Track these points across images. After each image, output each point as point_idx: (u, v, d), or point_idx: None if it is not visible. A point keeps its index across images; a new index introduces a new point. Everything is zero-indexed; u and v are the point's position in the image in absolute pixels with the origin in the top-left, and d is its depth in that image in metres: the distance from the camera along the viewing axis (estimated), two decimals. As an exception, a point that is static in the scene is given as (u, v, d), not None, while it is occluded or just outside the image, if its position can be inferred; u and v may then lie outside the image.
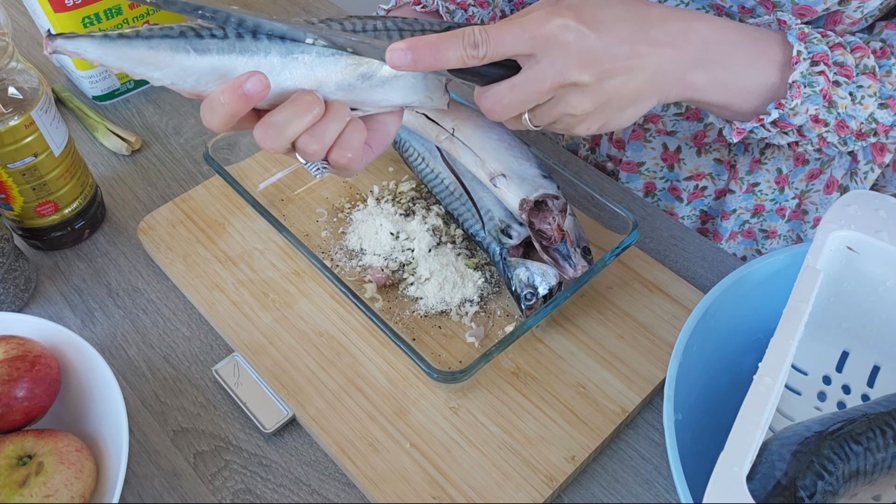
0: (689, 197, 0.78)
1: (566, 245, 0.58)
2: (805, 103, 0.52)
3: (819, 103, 0.52)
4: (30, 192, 0.63)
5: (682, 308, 0.62)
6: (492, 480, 0.52)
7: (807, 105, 0.52)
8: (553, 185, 0.60)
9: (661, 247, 0.69)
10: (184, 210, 0.70)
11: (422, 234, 0.65)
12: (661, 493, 0.54)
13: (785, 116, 0.53)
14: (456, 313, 0.62)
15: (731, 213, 0.76)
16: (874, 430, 0.44)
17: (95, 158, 0.78)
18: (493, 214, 0.62)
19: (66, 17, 0.75)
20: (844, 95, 0.52)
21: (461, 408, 0.56)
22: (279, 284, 0.64)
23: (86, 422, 0.54)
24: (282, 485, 0.54)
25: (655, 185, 0.79)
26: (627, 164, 0.78)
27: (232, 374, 0.58)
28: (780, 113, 0.52)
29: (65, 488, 0.48)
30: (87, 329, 0.63)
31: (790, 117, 0.53)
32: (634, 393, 0.57)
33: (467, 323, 0.61)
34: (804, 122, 0.53)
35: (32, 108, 0.60)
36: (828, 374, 0.54)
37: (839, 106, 0.52)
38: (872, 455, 0.44)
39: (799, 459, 0.42)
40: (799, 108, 0.52)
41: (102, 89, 0.83)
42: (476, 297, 0.62)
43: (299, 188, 0.71)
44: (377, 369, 0.58)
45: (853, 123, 0.53)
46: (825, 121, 0.53)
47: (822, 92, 0.51)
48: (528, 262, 0.59)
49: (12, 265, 0.62)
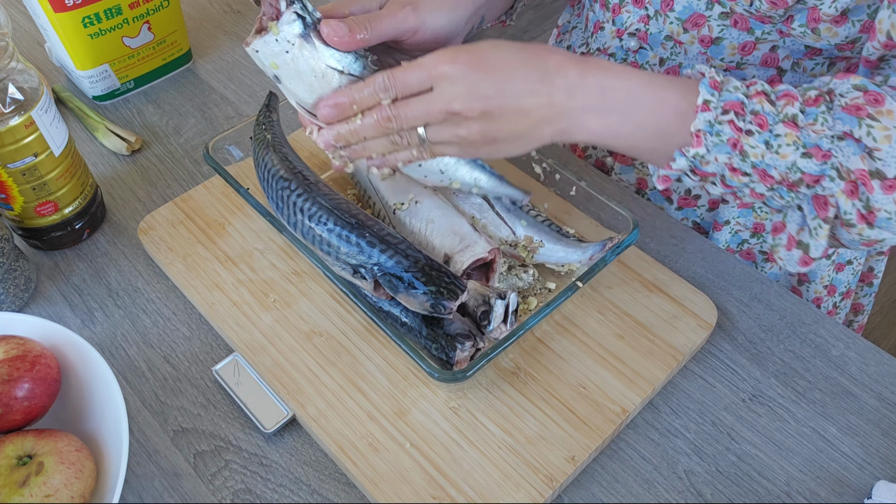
0: (679, 201, 0.77)
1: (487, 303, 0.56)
2: (713, 152, 0.51)
3: (729, 152, 0.51)
4: (30, 192, 0.63)
5: (682, 308, 0.62)
6: (492, 480, 0.52)
7: (715, 154, 0.51)
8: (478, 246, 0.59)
9: (661, 247, 0.69)
10: (184, 210, 0.70)
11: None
12: (662, 493, 0.54)
13: (697, 164, 0.52)
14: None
15: (724, 225, 0.75)
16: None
17: (95, 158, 0.78)
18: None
19: (67, 17, 0.75)
20: (756, 144, 0.50)
21: (461, 408, 0.56)
22: (279, 284, 0.64)
23: (86, 422, 0.54)
24: (282, 485, 0.54)
25: (647, 183, 0.79)
26: (622, 156, 0.78)
27: (232, 374, 0.58)
28: (689, 161, 0.52)
29: (65, 488, 0.48)
30: (87, 329, 0.63)
31: (703, 165, 0.52)
32: (634, 393, 0.57)
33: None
34: (722, 171, 0.52)
35: (32, 108, 0.60)
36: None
37: (751, 155, 0.50)
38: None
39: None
40: (708, 157, 0.51)
41: (102, 89, 0.83)
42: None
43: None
44: (377, 369, 0.58)
45: (775, 173, 0.51)
46: (742, 170, 0.51)
47: (730, 141, 0.50)
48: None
49: (12, 265, 0.62)
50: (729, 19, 0.63)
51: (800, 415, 0.58)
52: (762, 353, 0.62)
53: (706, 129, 0.51)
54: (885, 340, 1.69)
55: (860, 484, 0.55)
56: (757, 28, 0.62)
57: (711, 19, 0.64)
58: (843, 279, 0.79)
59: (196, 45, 0.93)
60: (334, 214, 0.58)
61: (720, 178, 0.53)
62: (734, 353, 0.62)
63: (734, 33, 0.63)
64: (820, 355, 0.62)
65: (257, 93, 0.86)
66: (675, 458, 0.56)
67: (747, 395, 0.59)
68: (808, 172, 0.50)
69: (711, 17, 0.63)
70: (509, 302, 0.55)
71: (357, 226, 0.57)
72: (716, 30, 0.64)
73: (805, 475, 0.55)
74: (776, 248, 0.57)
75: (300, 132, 0.77)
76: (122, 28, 0.80)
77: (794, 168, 0.50)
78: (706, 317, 0.62)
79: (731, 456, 0.56)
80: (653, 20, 0.68)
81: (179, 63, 0.88)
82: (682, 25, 0.66)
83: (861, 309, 0.87)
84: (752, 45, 0.64)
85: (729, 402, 0.59)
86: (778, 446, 0.56)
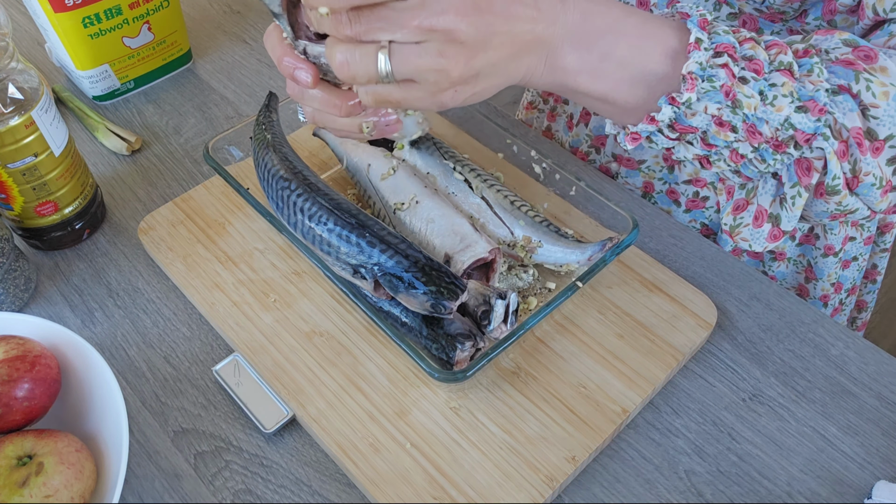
0: (687, 203, 0.77)
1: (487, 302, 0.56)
2: (703, 100, 0.44)
3: (721, 101, 0.44)
4: (30, 192, 0.63)
5: (682, 308, 0.62)
6: (492, 480, 0.52)
7: (705, 102, 0.44)
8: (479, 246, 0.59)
9: (661, 247, 0.69)
10: (184, 210, 0.70)
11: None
12: (662, 493, 0.54)
13: (681, 117, 0.45)
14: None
15: None
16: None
17: (95, 158, 0.78)
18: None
19: (66, 17, 0.75)
20: (752, 94, 0.44)
21: (462, 408, 0.56)
22: (279, 284, 0.64)
23: (86, 422, 0.54)
24: (282, 485, 0.54)
25: (654, 186, 0.79)
26: (628, 160, 0.78)
27: (232, 374, 0.58)
28: (675, 111, 0.45)
29: (65, 489, 0.48)
30: (87, 329, 0.63)
31: (687, 118, 0.45)
32: (635, 393, 0.57)
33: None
34: (707, 126, 0.45)
35: (32, 108, 0.60)
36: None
37: (745, 106, 0.44)
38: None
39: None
40: (696, 106, 0.44)
41: (102, 89, 0.83)
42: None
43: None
44: (377, 369, 0.58)
45: (766, 129, 0.45)
46: (731, 124, 0.45)
47: (723, 88, 0.44)
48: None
49: (12, 265, 0.62)
50: (738, 20, 0.62)
51: (800, 414, 0.58)
52: (762, 353, 0.62)
53: (698, 73, 0.44)
54: (884, 340, 1.69)
55: (860, 484, 0.55)
56: (766, 28, 0.61)
57: (719, 20, 0.63)
58: (849, 276, 0.79)
59: (196, 45, 0.93)
60: (334, 214, 0.57)
61: (700, 136, 0.46)
62: (734, 353, 0.62)
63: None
64: (820, 355, 0.62)
65: (257, 93, 0.86)
66: (676, 457, 0.56)
67: (747, 394, 0.59)
68: (801, 129, 0.45)
69: (719, 18, 0.63)
70: (510, 302, 0.55)
71: (357, 226, 0.57)
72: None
73: (805, 475, 0.55)
74: (737, 228, 0.52)
75: (300, 132, 0.77)
76: (122, 28, 0.80)
77: (787, 124, 0.45)
78: (706, 316, 0.62)
79: (731, 456, 0.56)
80: None
81: (179, 63, 0.88)
82: None
83: (865, 306, 0.87)
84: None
85: (729, 401, 0.59)
86: (778, 446, 0.56)
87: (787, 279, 0.79)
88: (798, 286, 0.79)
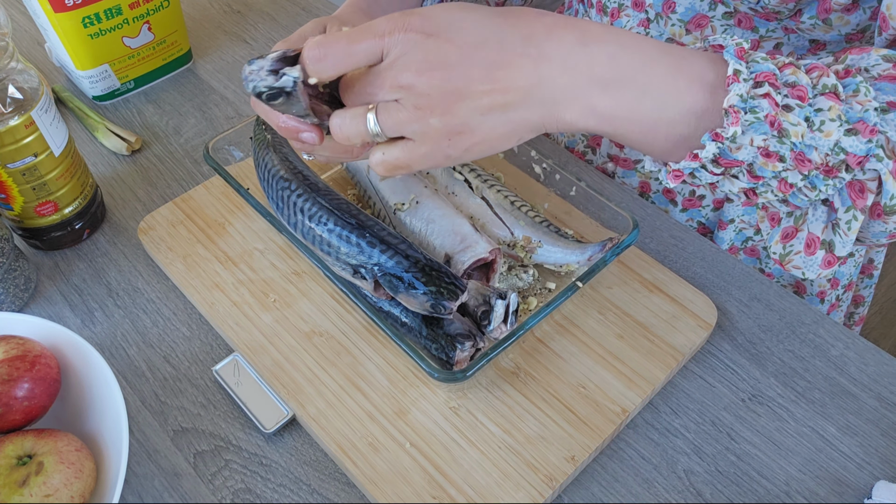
0: (684, 202, 0.78)
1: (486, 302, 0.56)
2: (748, 133, 0.43)
3: (766, 132, 0.42)
4: (30, 192, 0.63)
5: (682, 308, 0.62)
6: (492, 480, 0.52)
7: (750, 135, 0.43)
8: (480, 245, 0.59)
9: (661, 247, 0.69)
10: (184, 210, 0.70)
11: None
12: (661, 493, 0.54)
13: (726, 151, 0.44)
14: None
15: (729, 223, 0.75)
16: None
17: (95, 158, 0.78)
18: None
19: (66, 17, 0.75)
20: (798, 121, 0.42)
21: (461, 408, 0.56)
22: (279, 284, 0.64)
23: (86, 422, 0.54)
24: (282, 484, 0.54)
25: (650, 186, 0.79)
26: (624, 160, 0.78)
27: (232, 373, 0.58)
28: (719, 147, 0.43)
29: (65, 488, 0.48)
30: (87, 329, 0.63)
31: (732, 152, 0.43)
32: (634, 393, 0.57)
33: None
34: (753, 159, 0.44)
35: (32, 108, 0.60)
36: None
37: (792, 134, 0.42)
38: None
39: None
40: (741, 140, 0.43)
41: (102, 89, 0.83)
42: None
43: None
44: (377, 369, 0.58)
45: (816, 156, 0.43)
46: (779, 154, 0.43)
47: (767, 118, 0.42)
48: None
49: (12, 265, 0.62)
50: (733, 19, 0.62)
51: (799, 415, 0.58)
52: (762, 353, 0.62)
53: (740, 106, 0.42)
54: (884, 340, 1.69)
55: (860, 484, 0.55)
56: (762, 26, 0.61)
57: (715, 20, 0.63)
58: (846, 271, 0.79)
59: (196, 45, 0.93)
60: (334, 215, 0.58)
61: (747, 169, 0.45)
62: (734, 353, 0.62)
63: (738, 33, 0.63)
64: (819, 355, 0.62)
65: (257, 93, 0.86)
66: (675, 457, 0.56)
67: (747, 394, 0.59)
68: (852, 152, 0.43)
69: (715, 18, 0.63)
70: (510, 302, 0.55)
71: (357, 226, 0.57)
72: (719, 30, 0.64)
73: (804, 475, 0.55)
74: (788, 256, 0.50)
75: (300, 132, 0.77)
76: (122, 28, 0.80)
77: (837, 148, 0.43)
78: (706, 317, 0.62)
79: (730, 456, 0.56)
80: (653, 23, 0.68)
81: (179, 63, 0.88)
82: (684, 27, 0.66)
83: (862, 301, 0.88)
84: (755, 44, 0.63)
85: (728, 401, 0.59)
86: (777, 446, 0.56)
87: (783, 276, 0.79)
88: (795, 282, 0.79)
